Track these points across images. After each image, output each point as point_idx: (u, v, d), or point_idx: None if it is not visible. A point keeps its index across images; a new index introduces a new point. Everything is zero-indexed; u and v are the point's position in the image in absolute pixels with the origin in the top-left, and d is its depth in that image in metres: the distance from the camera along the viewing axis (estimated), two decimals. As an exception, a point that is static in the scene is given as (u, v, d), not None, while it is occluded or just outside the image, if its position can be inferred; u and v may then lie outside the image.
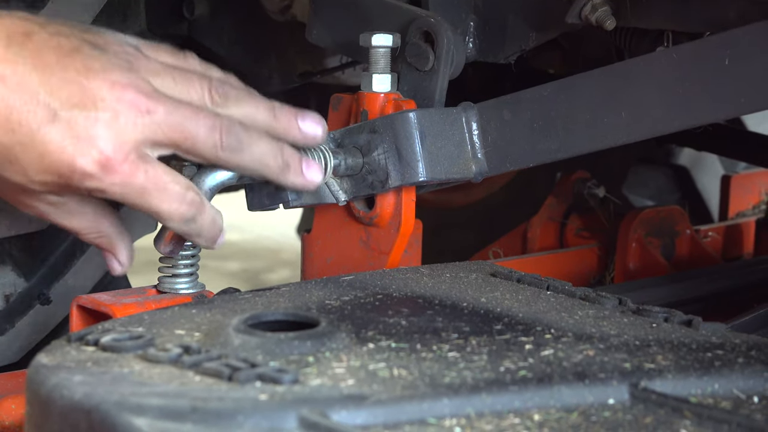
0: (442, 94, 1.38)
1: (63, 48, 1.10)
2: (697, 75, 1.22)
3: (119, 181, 1.10)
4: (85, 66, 1.09)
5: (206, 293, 1.25)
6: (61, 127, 1.08)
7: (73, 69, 1.09)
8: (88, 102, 1.08)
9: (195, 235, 1.17)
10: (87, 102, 1.08)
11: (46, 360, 0.93)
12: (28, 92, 1.08)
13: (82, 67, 1.09)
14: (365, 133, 1.33)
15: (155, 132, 1.11)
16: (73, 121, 1.08)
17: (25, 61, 1.08)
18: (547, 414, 0.88)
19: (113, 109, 1.09)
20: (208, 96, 1.16)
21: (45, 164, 1.09)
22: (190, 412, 0.83)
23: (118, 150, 1.09)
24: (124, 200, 1.12)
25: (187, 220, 1.14)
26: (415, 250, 1.44)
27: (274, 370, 0.89)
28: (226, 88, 1.17)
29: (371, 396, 0.86)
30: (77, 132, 1.08)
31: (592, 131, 1.30)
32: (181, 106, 1.12)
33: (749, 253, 2.03)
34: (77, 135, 1.08)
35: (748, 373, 0.97)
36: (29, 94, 1.08)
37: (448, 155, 1.34)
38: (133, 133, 1.10)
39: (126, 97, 1.09)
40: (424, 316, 1.07)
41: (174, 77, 1.15)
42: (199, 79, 1.16)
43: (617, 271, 1.76)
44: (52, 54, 1.09)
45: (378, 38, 1.36)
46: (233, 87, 1.19)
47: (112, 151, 1.08)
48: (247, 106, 1.18)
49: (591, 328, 1.06)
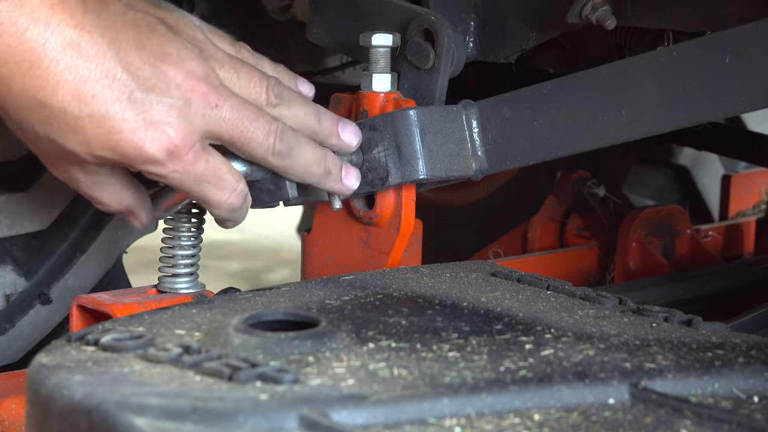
0: (443, 92, 1.38)
1: (139, 25, 1.10)
2: (698, 73, 1.22)
3: (181, 168, 1.11)
4: (161, 49, 1.10)
5: (206, 293, 1.25)
6: (136, 108, 1.08)
7: (150, 50, 1.09)
8: (163, 87, 1.09)
9: (230, 221, 1.20)
10: (162, 87, 1.09)
11: (46, 360, 0.93)
12: (105, 67, 1.07)
13: (158, 50, 1.10)
14: (365, 130, 1.33)
15: (219, 126, 1.12)
16: (148, 104, 1.08)
17: (103, 32, 1.07)
18: (547, 414, 0.88)
19: (186, 98, 1.10)
20: (265, 95, 1.19)
21: (113, 142, 1.08)
22: (190, 411, 0.82)
23: (186, 139, 1.10)
24: (179, 186, 1.14)
25: (233, 209, 1.17)
26: (416, 249, 1.44)
27: (274, 369, 0.89)
28: (280, 88, 1.20)
29: (371, 396, 0.86)
30: (151, 116, 1.08)
31: (593, 129, 1.30)
32: (244, 106, 1.14)
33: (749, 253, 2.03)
34: (150, 119, 1.08)
35: (749, 372, 0.97)
36: (106, 68, 1.07)
37: (449, 153, 1.34)
38: (200, 124, 1.11)
39: (199, 89, 1.11)
40: (424, 316, 1.07)
41: (237, 71, 1.17)
42: (259, 77, 1.19)
43: (617, 270, 1.76)
44: (129, 30, 1.09)
45: (378, 38, 1.36)
46: (285, 87, 1.22)
47: (180, 139, 1.09)
48: (297, 109, 1.22)
49: (591, 328, 1.06)
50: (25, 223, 1.55)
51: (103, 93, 1.07)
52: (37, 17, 1.05)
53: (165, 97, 1.09)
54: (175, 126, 1.09)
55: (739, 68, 1.19)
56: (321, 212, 1.43)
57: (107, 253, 1.68)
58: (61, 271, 1.61)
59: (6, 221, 1.52)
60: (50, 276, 1.60)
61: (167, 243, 1.26)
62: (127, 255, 1.73)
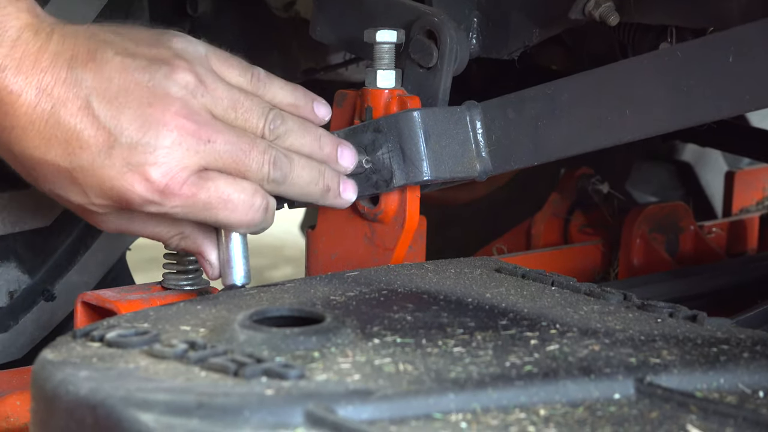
0: (446, 91, 1.38)
1: (127, 69, 1.12)
2: (702, 73, 1.22)
3: (180, 203, 1.13)
4: (149, 92, 1.12)
5: (210, 290, 1.25)
6: (121, 153, 1.10)
7: (137, 95, 1.11)
8: (149, 130, 1.11)
9: (257, 232, 1.21)
10: (148, 129, 1.11)
11: (51, 356, 0.93)
12: (90, 117, 1.10)
13: (146, 94, 1.12)
14: (369, 132, 1.33)
15: (215, 159, 1.14)
16: (133, 148, 1.10)
17: (88, 85, 1.10)
18: (552, 409, 0.89)
19: (174, 137, 1.11)
20: (262, 128, 1.20)
21: (105, 189, 1.12)
22: (196, 407, 0.83)
23: (177, 176, 1.12)
24: (189, 218, 1.16)
25: (256, 225, 1.19)
26: (420, 246, 1.44)
27: (279, 365, 0.89)
28: (279, 121, 1.22)
29: (377, 391, 0.86)
30: (137, 159, 1.11)
31: (597, 129, 1.30)
32: (239, 139, 1.16)
33: (753, 249, 2.03)
34: (137, 162, 1.10)
35: (754, 368, 0.97)
36: (90, 118, 1.10)
37: (453, 154, 1.34)
38: (195, 159, 1.13)
39: (187, 127, 1.12)
40: (429, 312, 1.07)
41: (236, 106, 1.19)
42: (259, 112, 1.21)
43: (621, 267, 1.76)
44: (116, 76, 1.11)
45: (382, 34, 1.36)
46: (286, 117, 1.23)
47: (170, 178, 1.12)
48: (295, 139, 1.24)
49: (596, 324, 1.06)
50: (29, 220, 1.55)
51: (89, 143, 1.10)
52: (29, 82, 1.09)
53: (150, 138, 1.11)
54: (161, 164, 1.11)
55: (743, 67, 1.19)
56: (325, 209, 1.43)
57: (111, 250, 1.68)
58: (65, 268, 1.61)
59: (9, 218, 1.52)
60: (54, 273, 1.60)
61: None
62: (130, 252, 1.73)
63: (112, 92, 1.11)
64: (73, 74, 1.10)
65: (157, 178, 1.11)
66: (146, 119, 1.11)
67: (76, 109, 1.10)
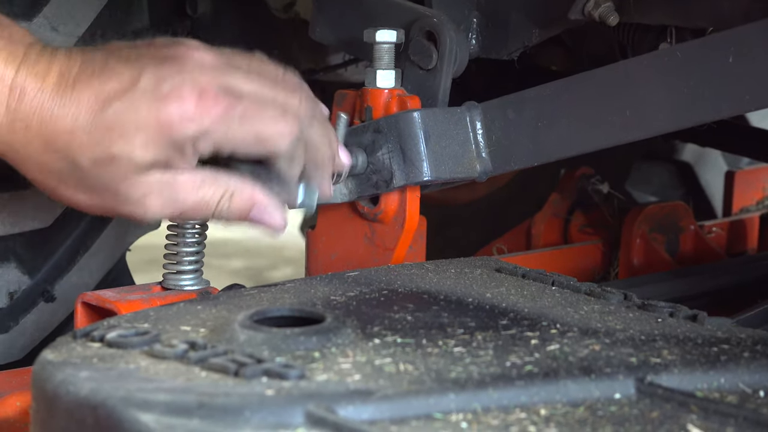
0: (446, 92, 1.38)
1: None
2: (701, 73, 1.22)
3: (217, 114, 1.10)
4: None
5: (211, 290, 1.25)
6: (152, 89, 1.10)
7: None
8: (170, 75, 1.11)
9: (292, 168, 1.17)
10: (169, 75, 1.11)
11: (51, 356, 0.93)
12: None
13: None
14: (369, 132, 1.33)
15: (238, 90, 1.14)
16: (160, 82, 1.10)
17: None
18: (553, 409, 0.88)
19: (196, 73, 1.12)
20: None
21: (144, 126, 1.09)
22: (196, 407, 0.82)
23: (208, 89, 1.11)
24: (231, 141, 1.12)
25: (295, 139, 1.15)
26: (420, 246, 1.44)
27: (280, 365, 0.89)
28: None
29: (378, 391, 0.86)
30: (167, 88, 1.10)
31: (596, 130, 1.30)
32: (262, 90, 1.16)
33: (753, 249, 2.03)
34: (168, 90, 1.10)
35: (754, 367, 0.97)
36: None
37: (453, 155, 1.34)
38: (220, 80, 1.12)
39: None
40: (429, 312, 1.07)
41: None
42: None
43: (621, 266, 1.76)
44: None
45: (382, 34, 1.36)
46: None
47: (201, 90, 1.10)
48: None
49: (596, 323, 1.06)
50: (28, 221, 1.55)
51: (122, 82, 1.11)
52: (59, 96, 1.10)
53: (175, 76, 1.11)
54: (192, 84, 1.11)
55: (742, 68, 1.19)
56: (325, 209, 1.43)
57: (111, 251, 1.68)
58: (65, 269, 1.61)
59: (9, 219, 1.52)
60: (54, 273, 1.60)
61: (172, 240, 1.26)
62: (130, 253, 1.73)
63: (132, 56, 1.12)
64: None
65: (189, 93, 1.09)
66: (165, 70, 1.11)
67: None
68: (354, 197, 1.35)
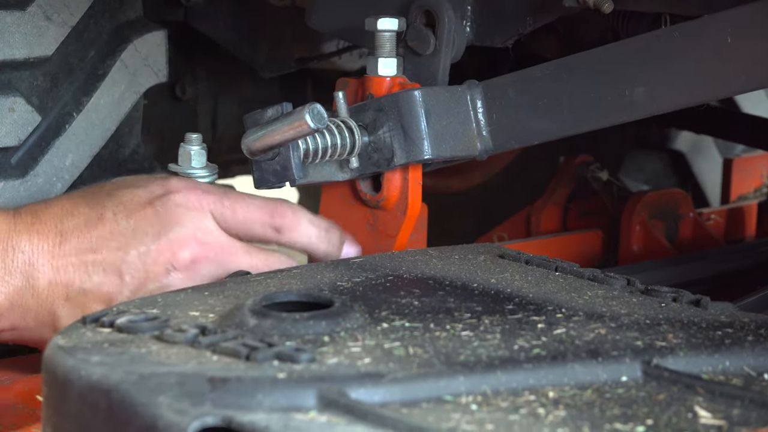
0: (445, 74, 1.39)
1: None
2: (699, 53, 1.23)
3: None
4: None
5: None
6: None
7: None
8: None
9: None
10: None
11: (62, 342, 0.93)
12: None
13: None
14: (371, 111, 1.34)
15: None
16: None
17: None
18: (561, 391, 0.89)
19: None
20: None
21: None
22: (209, 391, 0.83)
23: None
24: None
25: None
26: (421, 233, 1.45)
27: (291, 349, 0.89)
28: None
29: (388, 374, 0.87)
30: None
31: (596, 109, 1.31)
32: None
33: (751, 236, 2.04)
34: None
35: (758, 350, 0.98)
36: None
37: (453, 133, 1.35)
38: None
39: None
40: (435, 297, 1.07)
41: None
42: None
43: (621, 253, 1.77)
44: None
45: (384, 22, 1.36)
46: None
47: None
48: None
49: (601, 308, 1.06)
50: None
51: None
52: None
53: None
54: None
55: (740, 48, 1.20)
56: (327, 196, 1.44)
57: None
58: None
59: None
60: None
61: None
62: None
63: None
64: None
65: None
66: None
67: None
68: (355, 175, 1.36)
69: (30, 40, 1.47)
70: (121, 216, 1.21)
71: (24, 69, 1.47)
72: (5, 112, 1.44)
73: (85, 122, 1.53)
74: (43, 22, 1.49)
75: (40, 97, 1.49)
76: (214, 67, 2.08)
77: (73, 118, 1.53)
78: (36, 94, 1.49)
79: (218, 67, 2.08)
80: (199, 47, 2.01)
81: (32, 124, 1.48)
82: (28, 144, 1.48)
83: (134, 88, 1.62)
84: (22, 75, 1.47)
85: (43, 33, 1.48)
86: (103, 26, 1.58)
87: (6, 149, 1.46)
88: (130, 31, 1.62)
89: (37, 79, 1.49)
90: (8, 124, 1.45)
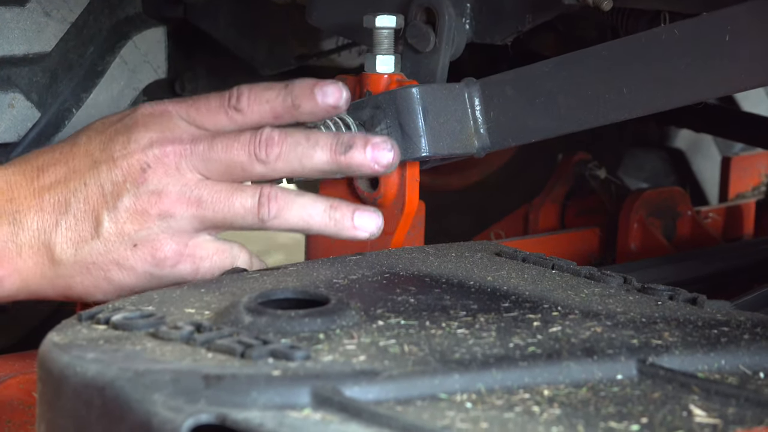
0: (444, 72, 1.39)
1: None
2: (698, 51, 1.23)
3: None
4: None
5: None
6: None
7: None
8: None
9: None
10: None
11: (57, 338, 0.93)
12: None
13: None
14: (368, 108, 1.34)
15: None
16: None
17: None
18: (556, 389, 0.89)
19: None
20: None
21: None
22: (204, 388, 0.83)
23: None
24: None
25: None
26: (418, 231, 1.44)
27: (286, 346, 0.89)
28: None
29: (383, 372, 0.87)
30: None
31: (594, 107, 1.31)
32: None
33: (749, 234, 2.04)
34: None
35: (754, 349, 0.98)
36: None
37: (451, 130, 1.35)
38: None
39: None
40: (431, 294, 1.07)
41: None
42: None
43: (619, 251, 1.77)
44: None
45: (382, 20, 1.36)
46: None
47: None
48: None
49: (597, 306, 1.06)
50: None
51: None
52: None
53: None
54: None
55: (739, 46, 1.20)
56: (325, 193, 1.44)
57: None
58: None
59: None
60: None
61: None
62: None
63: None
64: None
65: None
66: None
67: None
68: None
69: (29, 36, 1.47)
70: (93, 136, 1.24)
71: (23, 65, 1.47)
72: (5, 108, 1.44)
73: (84, 118, 1.54)
74: (43, 18, 1.50)
75: (39, 93, 1.49)
76: (213, 64, 2.08)
77: (73, 114, 1.53)
78: (35, 90, 1.49)
79: (218, 64, 2.07)
80: (199, 44, 2.01)
81: (32, 120, 1.48)
82: (27, 140, 1.49)
83: (133, 85, 1.62)
84: (21, 71, 1.47)
85: (42, 29, 1.49)
86: (102, 22, 1.58)
87: (5, 145, 1.46)
88: (130, 27, 1.63)
89: (37, 75, 1.49)
90: (7, 120, 1.45)
